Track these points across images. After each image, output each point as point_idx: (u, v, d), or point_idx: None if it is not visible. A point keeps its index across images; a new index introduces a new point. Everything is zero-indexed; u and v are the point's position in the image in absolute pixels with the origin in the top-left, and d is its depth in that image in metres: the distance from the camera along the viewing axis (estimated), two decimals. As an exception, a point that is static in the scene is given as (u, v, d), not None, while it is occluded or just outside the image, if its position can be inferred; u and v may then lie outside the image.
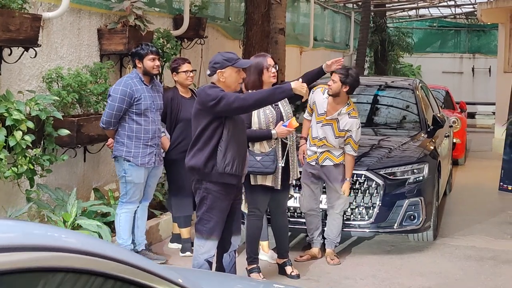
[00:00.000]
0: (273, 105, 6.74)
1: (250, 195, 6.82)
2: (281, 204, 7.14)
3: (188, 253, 7.85)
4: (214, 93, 5.53)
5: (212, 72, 5.70)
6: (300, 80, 6.32)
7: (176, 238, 8.11)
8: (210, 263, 5.81)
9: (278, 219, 7.18)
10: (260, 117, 6.68)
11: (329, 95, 7.45)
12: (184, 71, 7.73)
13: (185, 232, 7.97)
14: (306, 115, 7.82)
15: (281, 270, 7.22)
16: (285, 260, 7.22)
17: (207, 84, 5.83)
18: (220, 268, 6.00)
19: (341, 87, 7.35)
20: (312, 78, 7.29)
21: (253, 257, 6.97)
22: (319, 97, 7.57)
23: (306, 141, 7.72)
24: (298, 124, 6.68)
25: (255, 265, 6.96)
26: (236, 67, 5.68)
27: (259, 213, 6.87)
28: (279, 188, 6.79)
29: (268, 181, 6.69)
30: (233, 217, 5.94)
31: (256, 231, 6.97)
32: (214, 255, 5.89)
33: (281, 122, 6.65)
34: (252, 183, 6.70)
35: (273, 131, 6.60)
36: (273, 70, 6.74)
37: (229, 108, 5.54)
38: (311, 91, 7.68)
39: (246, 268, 6.95)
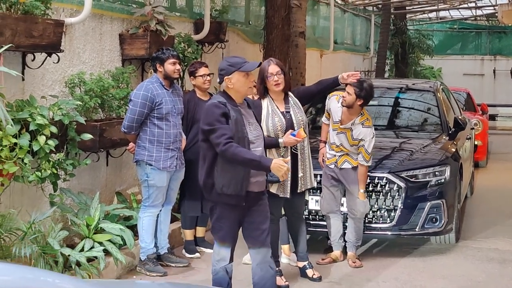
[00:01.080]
0: (284, 112, 6.74)
1: None
2: (297, 208, 7.14)
3: (197, 254, 7.94)
4: (212, 119, 5.27)
5: (221, 80, 5.49)
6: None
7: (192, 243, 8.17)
8: (227, 271, 5.55)
9: (295, 223, 7.19)
10: (268, 125, 6.66)
11: (343, 105, 7.44)
12: (201, 75, 7.77)
13: (189, 234, 8.03)
14: (324, 119, 7.81)
15: (303, 273, 7.23)
16: (305, 263, 7.23)
17: (217, 96, 5.53)
18: (257, 282, 5.59)
19: (355, 100, 7.33)
20: (327, 87, 7.27)
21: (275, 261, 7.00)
22: (334, 105, 7.55)
23: (325, 144, 7.72)
24: (306, 135, 6.61)
25: (276, 269, 6.97)
26: (242, 71, 5.42)
27: (272, 217, 6.86)
28: (288, 196, 6.78)
29: (273, 189, 6.65)
30: (253, 228, 5.58)
31: (272, 234, 6.96)
32: (230, 263, 5.56)
33: (290, 131, 6.57)
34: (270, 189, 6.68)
35: (280, 140, 6.57)
36: (275, 78, 6.68)
37: (214, 143, 5.24)
38: (327, 97, 7.71)
39: None
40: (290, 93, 6.91)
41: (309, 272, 7.18)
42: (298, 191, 6.89)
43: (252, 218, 5.54)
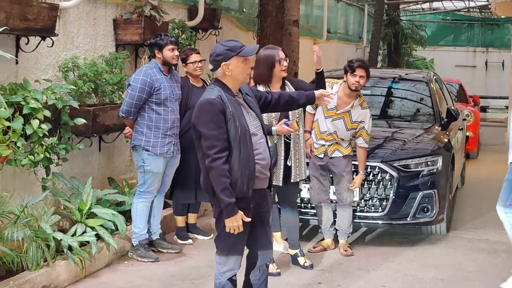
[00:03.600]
0: None
1: None
2: (290, 197, 7.15)
3: (189, 241, 7.94)
4: (206, 119, 4.77)
5: (216, 66, 4.92)
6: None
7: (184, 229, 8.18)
8: (233, 281, 5.07)
9: (287, 211, 7.19)
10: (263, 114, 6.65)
11: (355, 90, 7.42)
12: (192, 62, 7.76)
13: (180, 220, 8.04)
14: (309, 108, 7.67)
15: (294, 261, 7.25)
16: (296, 251, 7.25)
17: (212, 87, 4.96)
18: (248, 285, 5.27)
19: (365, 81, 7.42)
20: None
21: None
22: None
23: (311, 134, 7.68)
24: (298, 128, 6.63)
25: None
26: (242, 56, 4.90)
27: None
28: (280, 184, 6.81)
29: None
30: (259, 228, 5.15)
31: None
32: (236, 273, 5.08)
33: (284, 120, 6.56)
34: None
35: (273, 128, 6.57)
36: (285, 63, 6.75)
37: (203, 151, 4.81)
38: None
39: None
40: (287, 81, 6.92)
41: (301, 260, 7.19)
42: (292, 180, 6.90)
43: (258, 219, 5.10)
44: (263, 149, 5.03)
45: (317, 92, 5.64)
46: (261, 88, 6.71)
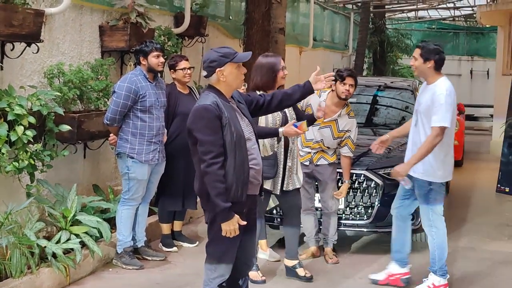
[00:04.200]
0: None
1: None
2: (293, 206, 6.97)
3: (175, 248, 7.92)
4: (201, 125, 4.81)
5: (210, 73, 4.97)
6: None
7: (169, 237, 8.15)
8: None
9: (289, 220, 7.03)
10: (268, 119, 6.60)
11: (345, 98, 7.44)
12: (181, 69, 7.77)
13: (166, 228, 8.02)
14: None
15: (291, 273, 7.08)
16: (295, 262, 7.09)
17: (207, 93, 4.99)
18: None
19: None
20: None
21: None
22: (315, 100, 7.43)
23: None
24: (307, 129, 6.41)
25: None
26: (235, 62, 4.97)
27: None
28: (278, 193, 6.76)
29: (267, 185, 6.61)
30: (247, 235, 5.14)
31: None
32: (226, 279, 5.09)
33: (293, 121, 6.37)
34: None
35: (280, 129, 6.51)
36: (286, 71, 6.77)
37: (199, 156, 4.84)
38: None
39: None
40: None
41: (300, 271, 7.04)
42: (291, 188, 6.81)
43: (248, 226, 5.04)
44: (257, 154, 5.10)
45: (311, 77, 5.62)
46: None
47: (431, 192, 6.61)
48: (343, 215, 7.86)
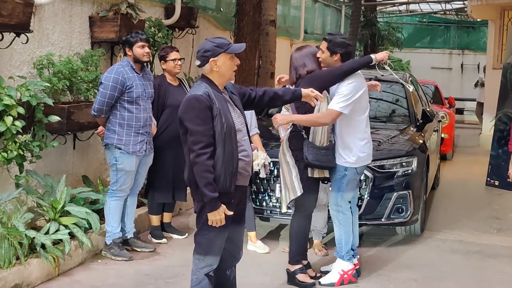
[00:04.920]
0: None
1: None
2: (304, 205, 6.73)
3: (164, 240, 7.92)
4: (192, 115, 4.85)
5: (204, 62, 5.01)
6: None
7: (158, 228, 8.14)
8: (210, 277, 5.07)
9: (293, 220, 6.83)
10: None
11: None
12: (172, 59, 7.77)
13: (155, 219, 8.02)
14: (284, 111, 7.66)
15: (291, 279, 6.72)
16: (296, 267, 6.72)
17: (199, 83, 5.03)
18: (218, 285, 5.24)
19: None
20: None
21: (298, 258, 6.72)
22: None
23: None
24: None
25: (299, 266, 6.72)
26: (229, 52, 5.03)
27: (306, 209, 6.70)
28: (298, 194, 6.52)
29: (327, 173, 6.61)
30: (235, 225, 5.17)
31: (303, 229, 6.73)
32: (214, 269, 5.10)
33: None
34: (309, 175, 6.54)
35: (372, 56, 6.50)
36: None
37: (189, 145, 4.90)
38: None
39: (288, 270, 6.73)
40: None
41: (310, 272, 6.86)
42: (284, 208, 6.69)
43: (236, 216, 5.12)
44: (247, 146, 5.14)
45: (304, 91, 5.69)
46: None
47: (345, 178, 6.63)
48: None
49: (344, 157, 6.60)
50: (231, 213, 4.98)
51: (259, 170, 7.43)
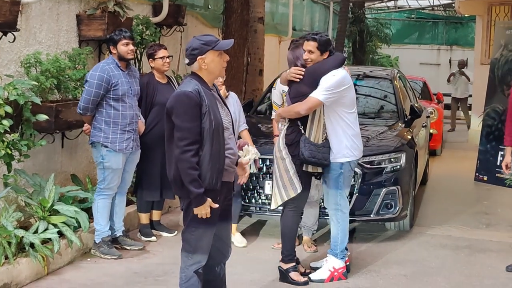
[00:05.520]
0: None
1: None
2: (296, 201, 6.72)
3: (153, 238, 7.91)
4: (180, 111, 4.85)
5: (192, 60, 5.00)
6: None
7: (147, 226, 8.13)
8: (199, 274, 5.05)
9: (284, 217, 6.79)
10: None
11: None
12: (160, 57, 7.77)
13: (144, 217, 8.02)
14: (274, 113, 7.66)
15: (284, 277, 6.71)
16: (288, 266, 6.71)
17: (189, 80, 5.01)
18: (207, 282, 5.21)
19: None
20: None
21: (291, 256, 6.71)
22: (277, 96, 7.79)
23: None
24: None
25: (292, 264, 6.71)
26: (217, 50, 5.01)
27: (297, 206, 6.71)
28: (298, 190, 6.56)
29: (320, 168, 6.63)
30: (222, 221, 5.17)
31: (294, 226, 6.72)
32: (202, 266, 5.08)
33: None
34: (304, 169, 6.55)
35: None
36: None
37: (174, 141, 4.89)
38: (273, 88, 7.93)
39: (280, 268, 6.72)
40: None
41: (300, 267, 6.84)
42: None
43: (223, 213, 5.13)
44: (233, 144, 5.17)
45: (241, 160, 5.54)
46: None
47: (341, 176, 6.65)
48: (322, 203, 7.85)
49: (336, 153, 6.61)
50: (217, 205, 4.97)
51: (250, 165, 7.43)
